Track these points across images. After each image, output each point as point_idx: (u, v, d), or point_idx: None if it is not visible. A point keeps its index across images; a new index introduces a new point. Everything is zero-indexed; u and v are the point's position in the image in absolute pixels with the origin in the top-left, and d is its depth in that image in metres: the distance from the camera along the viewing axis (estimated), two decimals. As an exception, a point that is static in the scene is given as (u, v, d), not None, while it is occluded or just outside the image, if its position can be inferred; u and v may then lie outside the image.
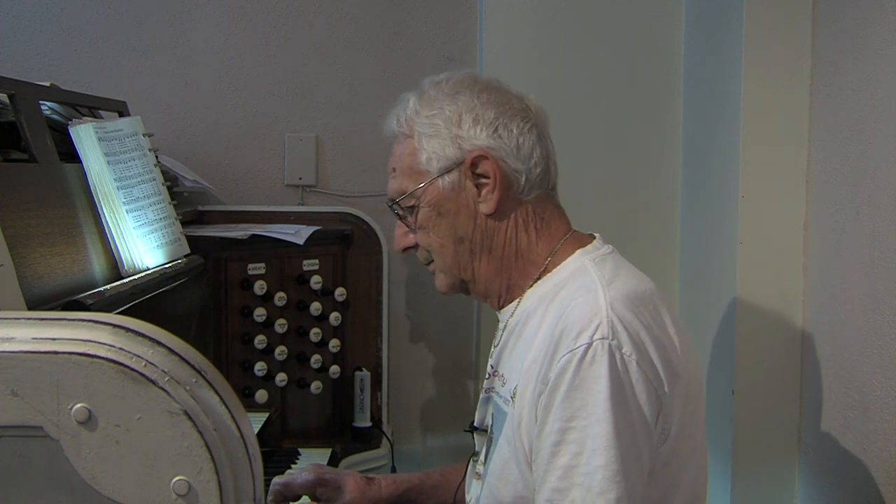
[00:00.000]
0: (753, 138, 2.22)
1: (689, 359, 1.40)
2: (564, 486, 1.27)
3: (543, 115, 1.50)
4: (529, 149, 1.45)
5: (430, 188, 1.47)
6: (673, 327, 1.38)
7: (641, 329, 1.32)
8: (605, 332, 1.29)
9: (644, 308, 1.35)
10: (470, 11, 2.74)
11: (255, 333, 2.26)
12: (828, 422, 2.07)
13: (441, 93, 1.49)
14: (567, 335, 1.31)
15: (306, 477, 1.70)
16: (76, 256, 1.61)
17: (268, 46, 2.73)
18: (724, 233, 2.32)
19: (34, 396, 0.90)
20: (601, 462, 1.25)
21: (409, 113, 1.50)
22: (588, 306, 1.33)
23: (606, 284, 1.36)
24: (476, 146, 1.44)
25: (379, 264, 2.48)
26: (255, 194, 2.73)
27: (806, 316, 2.21)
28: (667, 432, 1.33)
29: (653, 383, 1.30)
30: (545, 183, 1.48)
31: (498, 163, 1.44)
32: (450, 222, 1.48)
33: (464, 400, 2.81)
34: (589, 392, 1.27)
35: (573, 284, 1.41)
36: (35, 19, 2.68)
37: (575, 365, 1.28)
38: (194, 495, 0.90)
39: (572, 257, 1.46)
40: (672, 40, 2.69)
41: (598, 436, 1.26)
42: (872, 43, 1.90)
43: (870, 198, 1.90)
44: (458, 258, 1.50)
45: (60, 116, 1.95)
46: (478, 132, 1.44)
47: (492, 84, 1.50)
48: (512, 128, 1.44)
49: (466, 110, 1.45)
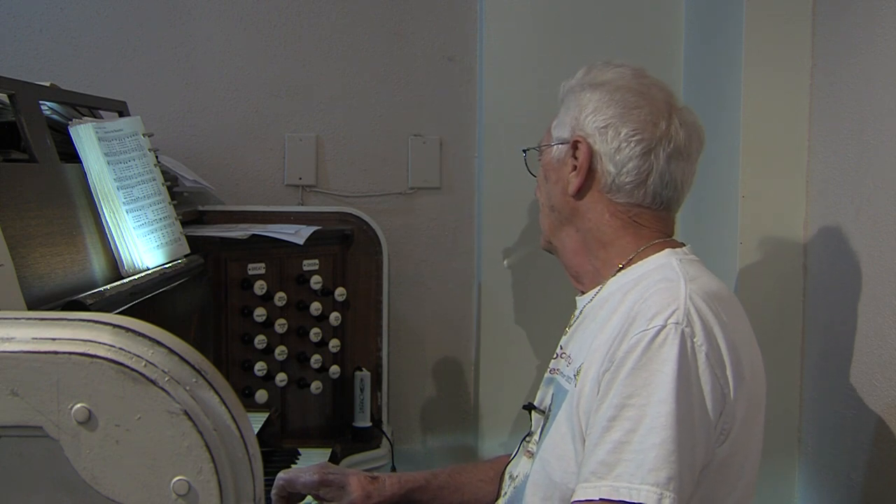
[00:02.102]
0: (753, 138, 2.22)
1: (757, 370, 1.41)
2: (612, 461, 1.26)
3: (683, 140, 1.51)
4: (626, 158, 1.48)
5: (547, 150, 1.60)
6: (745, 335, 1.40)
7: (716, 324, 1.33)
8: (680, 318, 1.30)
9: (721, 307, 1.37)
10: (470, 11, 2.74)
11: (255, 333, 2.26)
12: (828, 422, 2.07)
13: (596, 75, 1.57)
14: (642, 317, 1.32)
15: (310, 478, 1.70)
16: (76, 256, 1.61)
17: (268, 46, 2.73)
18: (724, 233, 2.32)
19: (34, 396, 0.90)
20: (657, 440, 1.25)
21: (572, 82, 1.60)
22: (668, 293, 1.35)
23: (689, 279, 1.38)
24: (581, 132, 1.51)
25: (379, 264, 2.48)
26: (255, 194, 2.73)
27: (806, 316, 2.21)
28: (726, 433, 1.33)
29: (719, 379, 1.31)
30: (640, 195, 1.50)
31: (592, 155, 1.51)
32: (550, 187, 1.59)
33: (464, 400, 2.81)
34: (654, 373, 1.27)
35: (655, 276, 1.42)
36: (35, 19, 2.68)
37: (645, 344, 1.29)
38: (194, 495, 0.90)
39: (660, 254, 1.49)
40: (672, 40, 2.69)
41: (657, 415, 1.25)
42: (872, 43, 1.90)
43: (870, 198, 1.90)
44: (550, 221, 1.61)
45: (60, 116, 1.95)
46: (589, 122, 1.51)
47: (643, 88, 1.53)
48: (620, 132, 1.49)
49: (595, 101, 1.52)
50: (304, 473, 1.73)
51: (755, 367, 1.40)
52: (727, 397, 1.31)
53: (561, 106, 1.60)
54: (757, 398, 1.41)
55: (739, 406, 1.33)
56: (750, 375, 1.36)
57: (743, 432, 1.35)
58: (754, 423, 1.40)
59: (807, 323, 2.21)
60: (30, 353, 0.90)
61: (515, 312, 2.73)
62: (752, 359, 1.39)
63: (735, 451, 1.35)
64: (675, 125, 1.50)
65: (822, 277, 2.13)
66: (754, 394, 1.39)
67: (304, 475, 1.72)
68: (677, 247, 1.52)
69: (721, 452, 1.33)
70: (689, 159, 1.53)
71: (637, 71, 1.57)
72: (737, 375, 1.33)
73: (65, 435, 0.90)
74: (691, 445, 1.28)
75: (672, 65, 2.69)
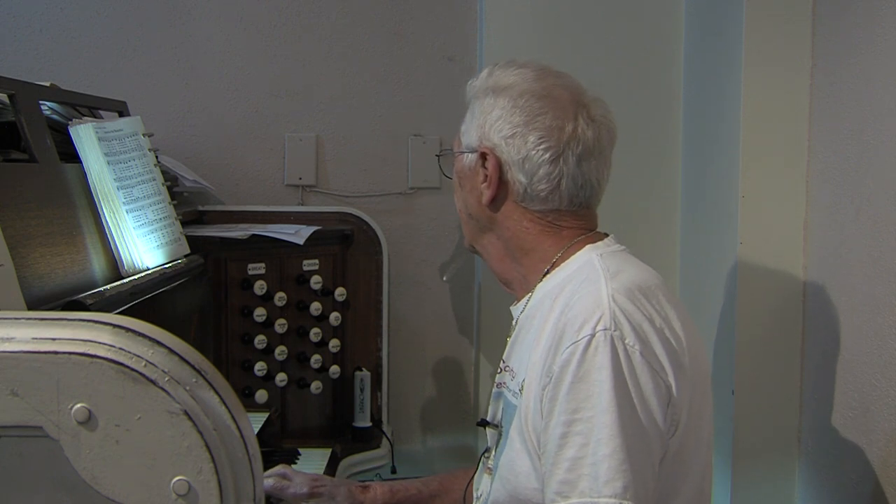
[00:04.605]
0: (753, 138, 2.22)
1: (696, 353, 1.40)
2: (573, 478, 1.27)
3: (591, 139, 1.48)
4: (536, 166, 1.46)
5: (458, 157, 1.58)
6: (678, 321, 1.39)
7: (643, 320, 1.33)
8: (608, 323, 1.30)
9: (646, 300, 1.36)
10: (470, 11, 2.75)
11: (255, 333, 2.26)
12: (828, 422, 2.07)
13: (499, 78, 1.53)
14: (570, 327, 1.32)
15: (300, 490, 1.70)
16: (76, 256, 1.61)
17: (268, 46, 2.73)
18: (724, 233, 2.32)
19: (34, 396, 0.90)
20: (607, 451, 1.25)
21: (476, 84, 1.57)
22: (591, 298, 1.34)
23: (610, 277, 1.38)
24: (488, 143, 1.49)
25: (379, 264, 2.48)
26: (255, 194, 2.73)
27: (806, 316, 2.21)
28: (676, 424, 1.33)
29: (658, 374, 1.31)
30: (555, 200, 1.48)
31: (500, 166, 1.48)
32: (466, 195, 1.57)
33: (464, 400, 2.81)
34: (593, 383, 1.28)
35: (579, 278, 1.42)
36: (35, 19, 2.68)
37: (578, 357, 1.29)
38: (194, 495, 0.90)
39: (581, 252, 1.48)
40: (672, 40, 2.69)
41: (603, 426, 1.26)
42: (872, 43, 1.89)
43: (870, 198, 1.90)
44: (470, 228, 1.60)
45: (60, 116, 1.95)
46: (495, 132, 1.49)
47: (546, 90, 1.50)
48: (528, 140, 1.46)
49: (500, 107, 1.49)
50: (294, 484, 1.73)
51: (693, 351, 1.39)
52: (671, 389, 1.32)
53: (467, 109, 1.57)
54: (701, 381, 1.41)
55: (684, 395, 1.34)
56: (689, 361, 1.36)
57: (692, 419, 1.36)
58: (702, 408, 1.40)
59: (807, 323, 2.21)
60: (30, 353, 0.90)
61: (515, 312, 2.73)
62: (689, 343, 1.38)
63: (687, 439, 1.36)
64: (581, 126, 1.47)
65: (822, 278, 2.13)
66: (697, 378, 1.38)
67: (294, 486, 1.72)
68: (599, 239, 1.50)
69: (674, 444, 1.34)
70: (602, 155, 1.50)
71: (540, 71, 1.53)
72: (675, 365, 1.33)
73: (65, 435, 0.90)
74: (644, 446, 1.29)
75: (672, 65, 2.69)
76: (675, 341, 1.36)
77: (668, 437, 1.33)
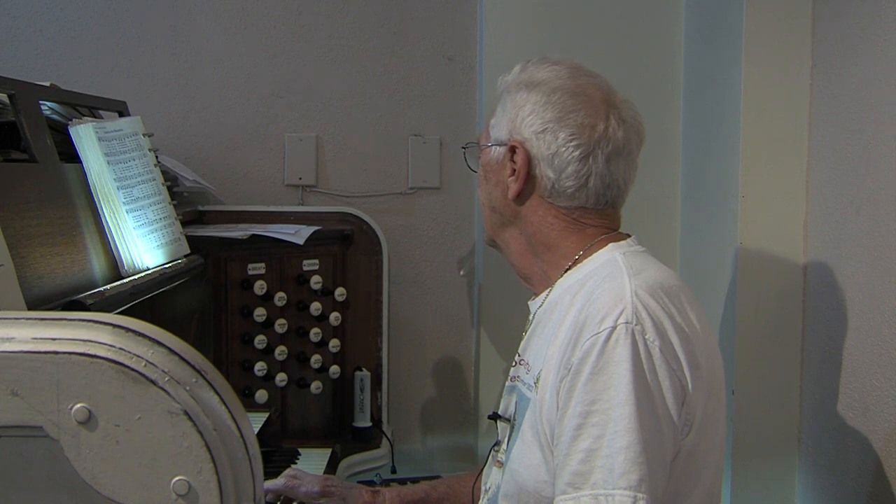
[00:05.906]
0: (753, 138, 2.22)
1: (712, 356, 1.41)
2: (586, 470, 1.27)
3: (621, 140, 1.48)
4: (565, 163, 1.47)
5: (486, 150, 1.58)
6: (697, 323, 1.39)
7: (665, 318, 1.33)
8: (629, 317, 1.30)
9: (668, 299, 1.37)
10: (470, 11, 2.75)
11: (255, 333, 2.26)
12: (828, 422, 2.07)
13: (533, 74, 1.54)
14: (591, 320, 1.32)
15: (312, 488, 1.71)
16: (76, 256, 1.61)
17: (268, 46, 2.73)
18: (724, 233, 2.32)
19: (34, 396, 0.90)
20: (623, 444, 1.25)
21: (508, 79, 1.58)
22: (613, 292, 1.35)
23: (633, 274, 1.38)
24: (518, 137, 1.50)
25: (379, 264, 2.48)
26: (255, 194, 2.73)
27: (806, 316, 2.21)
28: (690, 424, 1.33)
29: (676, 372, 1.31)
30: (582, 198, 1.49)
31: (529, 160, 1.49)
32: (491, 189, 1.57)
33: (464, 400, 2.81)
34: (612, 375, 1.28)
35: (601, 274, 1.42)
36: (35, 19, 2.68)
37: (599, 348, 1.29)
38: (194, 495, 0.90)
39: (604, 250, 1.48)
40: (672, 40, 2.69)
41: (620, 418, 1.26)
42: (872, 43, 1.90)
43: (870, 198, 1.90)
44: (492, 222, 1.59)
45: (60, 116, 1.95)
46: (526, 126, 1.49)
47: (580, 88, 1.50)
48: (559, 136, 1.47)
49: (531, 102, 1.50)
50: (306, 483, 1.73)
51: (710, 354, 1.39)
52: (686, 389, 1.32)
53: (498, 103, 1.58)
54: (716, 385, 1.41)
55: (699, 395, 1.34)
56: (706, 363, 1.36)
57: (706, 420, 1.36)
58: (716, 410, 1.40)
59: (807, 323, 2.21)
60: (30, 353, 0.90)
61: (515, 312, 2.73)
62: (705, 345, 1.38)
63: (699, 441, 1.35)
64: (612, 126, 1.48)
65: (822, 278, 2.13)
66: (712, 381, 1.39)
67: (307, 485, 1.72)
68: (622, 239, 1.51)
69: (687, 444, 1.34)
70: (630, 157, 1.51)
71: (574, 69, 1.54)
72: (692, 365, 1.33)
73: (65, 435, 0.90)
74: (659, 443, 1.28)
75: (672, 65, 2.69)
76: (694, 341, 1.36)
77: (682, 436, 1.33)
